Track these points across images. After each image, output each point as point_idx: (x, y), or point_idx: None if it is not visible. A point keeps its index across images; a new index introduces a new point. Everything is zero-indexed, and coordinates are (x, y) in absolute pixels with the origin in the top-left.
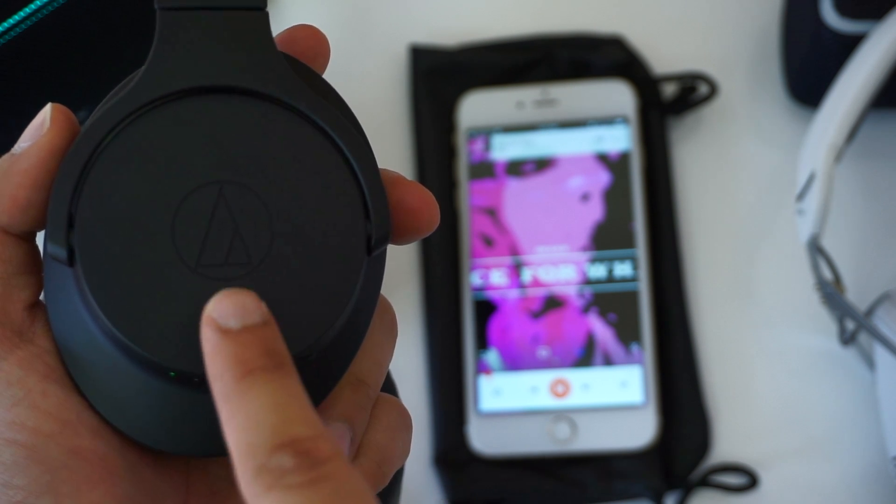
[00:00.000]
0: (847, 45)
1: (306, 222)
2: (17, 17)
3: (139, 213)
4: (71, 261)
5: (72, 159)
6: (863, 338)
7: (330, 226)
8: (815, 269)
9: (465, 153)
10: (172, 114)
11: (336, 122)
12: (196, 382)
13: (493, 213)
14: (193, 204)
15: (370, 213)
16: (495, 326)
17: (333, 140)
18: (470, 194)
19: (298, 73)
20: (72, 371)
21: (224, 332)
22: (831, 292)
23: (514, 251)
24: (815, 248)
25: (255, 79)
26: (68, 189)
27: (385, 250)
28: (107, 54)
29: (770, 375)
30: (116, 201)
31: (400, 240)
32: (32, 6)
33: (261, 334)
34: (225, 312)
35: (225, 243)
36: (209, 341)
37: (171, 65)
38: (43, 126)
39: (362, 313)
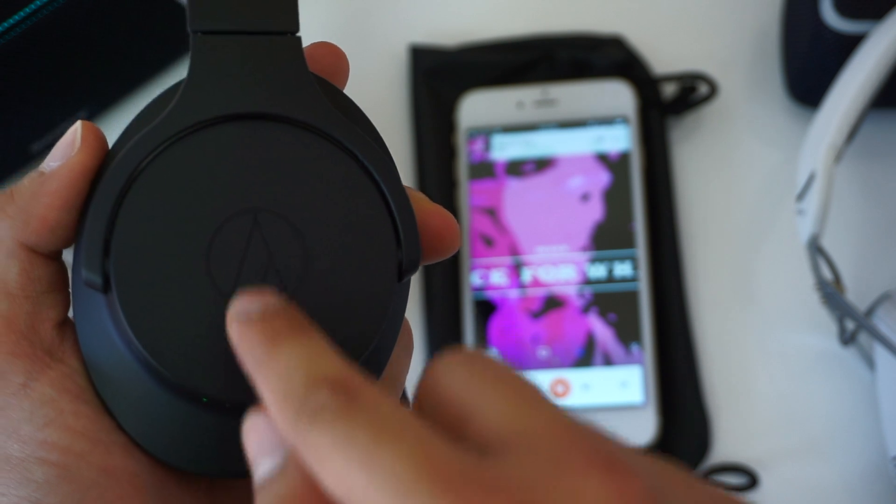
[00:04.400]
0: (847, 45)
1: (339, 250)
2: (17, 17)
3: (174, 240)
4: (106, 288)
5: (107, 185)
6: (863, 338)
7: (362, 253)
8: (815, 269)
9: (465, 153)
10: (207, 141)
11: (367, 148)
12: (226, 408)
13: (493, 213)
14: (228, 232)
15: (401, 241)
16: (495, 326)
17: (365, 167)
18: (470, 194)
19: (328, 95)
20: (101, 391)
21: (248, 321)
22: (831, 292)
23: (514, 251)
24: (815, 248)
25: (289, 105)
26: (104, 215)
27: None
28: (107, 54)
29: (770, 375)
30: (151, 228)
31: (422, 261)
32: (32, 6)
33: (284, 313)
34: (245, 308)
35: (259, 271)
36: (236, 332)
37: (205, 91)
38: (73, 145)
39: (389, 338)
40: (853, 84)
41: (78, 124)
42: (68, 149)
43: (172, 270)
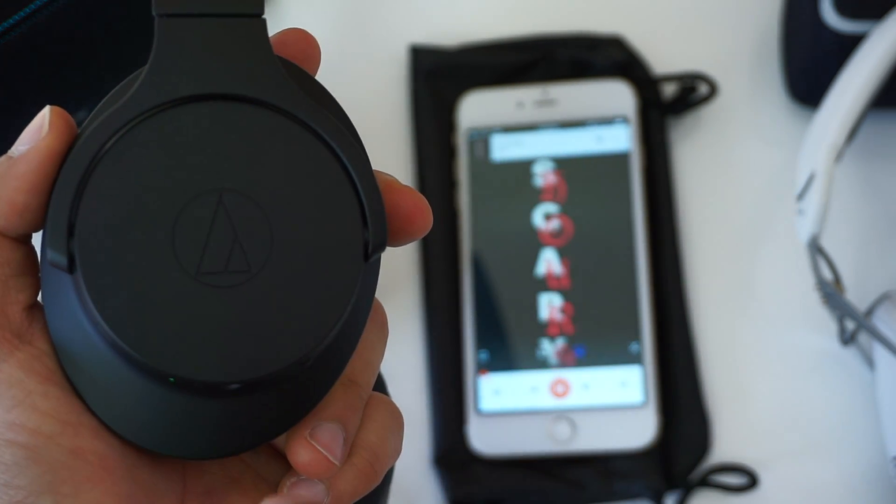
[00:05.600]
0: (847, 45)
1: (305, 230)
2: (16, 18)
3: (139, 220)
4: (71, 268)
5: (71, 166)
6: (863, 338)
7: (328, 233)
8: (815, 269)
9: (466, 153)
10: (171, 121)
11: (333, 128)
12: (195, 388)
13: None
14: (193, 212)
15: (367, 220)
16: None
17: (331, 147)
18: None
19: (295, 78)
20: (69, 374)
21: None
22: (831, 292)
23: None
24: (815, 248)
25: (254, 86)
26: (68, 196)
27: (380, 256)
28: (107, 54)
29: (770, 375)
30: (116, 209)
31: (393, 243)
32: (32, 6)
33: None
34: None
35: (224, 251)
36: None
37: (169, 72)
38: (41, 130)
39: (358, 318)
40: (853, 84)
41: (46, 109)
42: (36, 133)
43: (137, 250)
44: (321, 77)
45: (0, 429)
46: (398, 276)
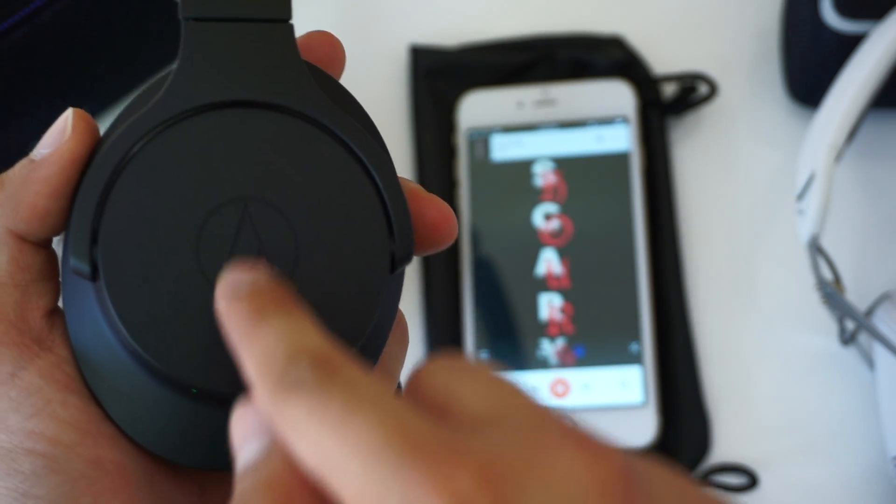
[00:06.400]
0: (847, 45)
1: (330, 240)
2: (17, 17)
3: (163, 229)
4: (94, 276)
5: (96, 172)
6: (863, 338)
7: (354, 244)
8: (815, 269)
9: (466, 153)
10: (197, 128)
11: (360, 138)
12: (216, 399)
13: None
14: (218, 221)
15: (394, 232)
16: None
17: (358, 157)
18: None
19: (321, 84)
20: (90, 381)
21: (237, 297)
22: (831, 292)
23: None
24: (815, 248)
25: (281, 93)
26: (92, 202)
27: (405, 267)
28: (107, 54)
29: (770, 375)
30: (140, 217)
31: (418, 252)
32: (33, 6)
33: (272, 288)
34: (234, 283)
35: (249, 261)
36: (223, 307)
37: (196, 78)
38: (64, 133)
39: (381, 330)
40: (853, 84)
41: (69, 112)
42: (59, 136)
43: (161, 259)
44: None
45: (19, 437)
46: None
